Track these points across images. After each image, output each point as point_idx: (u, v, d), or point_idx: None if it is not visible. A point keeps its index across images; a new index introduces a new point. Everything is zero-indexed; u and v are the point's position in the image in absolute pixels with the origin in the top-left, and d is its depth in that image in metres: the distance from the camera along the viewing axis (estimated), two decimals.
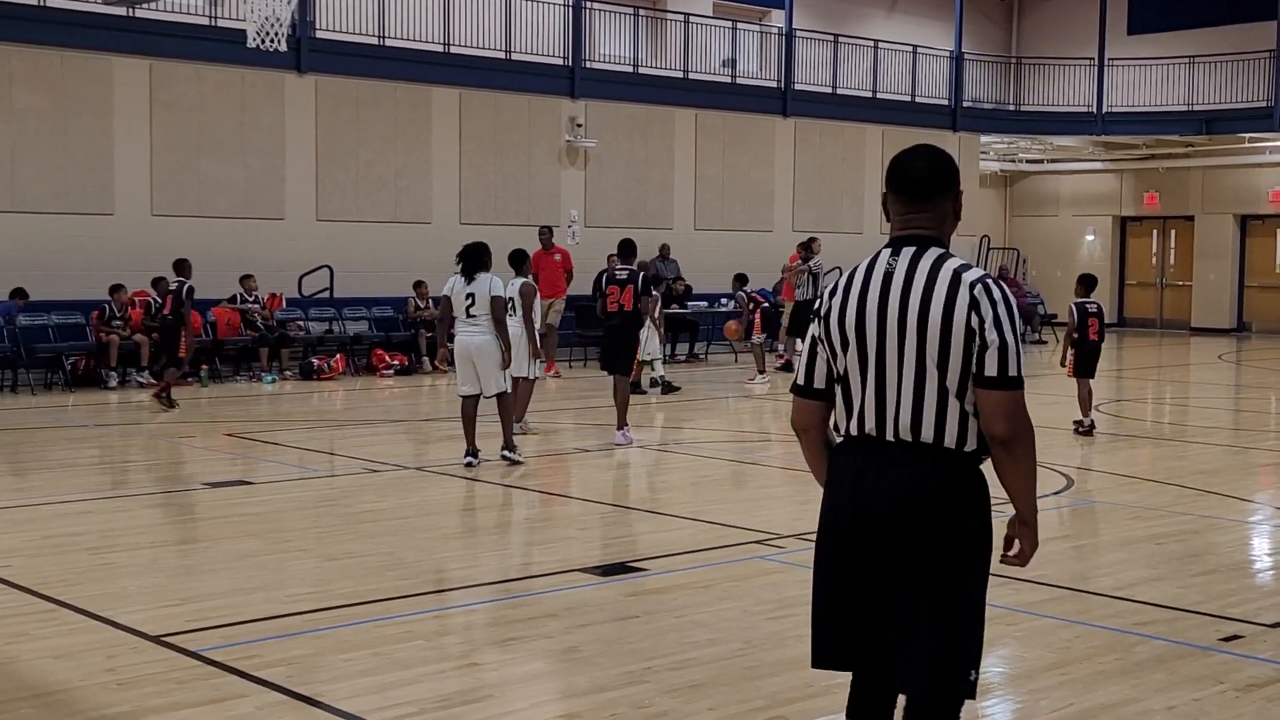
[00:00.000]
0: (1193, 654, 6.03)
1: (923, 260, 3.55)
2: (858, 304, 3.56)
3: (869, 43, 27.68)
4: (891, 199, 3.66)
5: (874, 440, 3.56)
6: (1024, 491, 3.52)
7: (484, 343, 10.98)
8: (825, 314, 3.65)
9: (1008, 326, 3.46)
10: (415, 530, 8.75)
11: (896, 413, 3.51)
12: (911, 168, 3.64)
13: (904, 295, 3.50)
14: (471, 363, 11.04)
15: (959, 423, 3.48)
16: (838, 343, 3.60)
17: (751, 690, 5.46)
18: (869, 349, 3.54)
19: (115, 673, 5.62)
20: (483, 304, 10.92)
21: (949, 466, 3.49)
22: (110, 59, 18.48)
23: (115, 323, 17.29)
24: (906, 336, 3.48)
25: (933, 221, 3.63)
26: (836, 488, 3.63)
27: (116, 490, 10.62)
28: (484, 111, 21.95)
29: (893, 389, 3.51)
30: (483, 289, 10.92)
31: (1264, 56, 27.82)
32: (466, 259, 11.01)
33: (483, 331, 10.97)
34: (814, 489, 3.84)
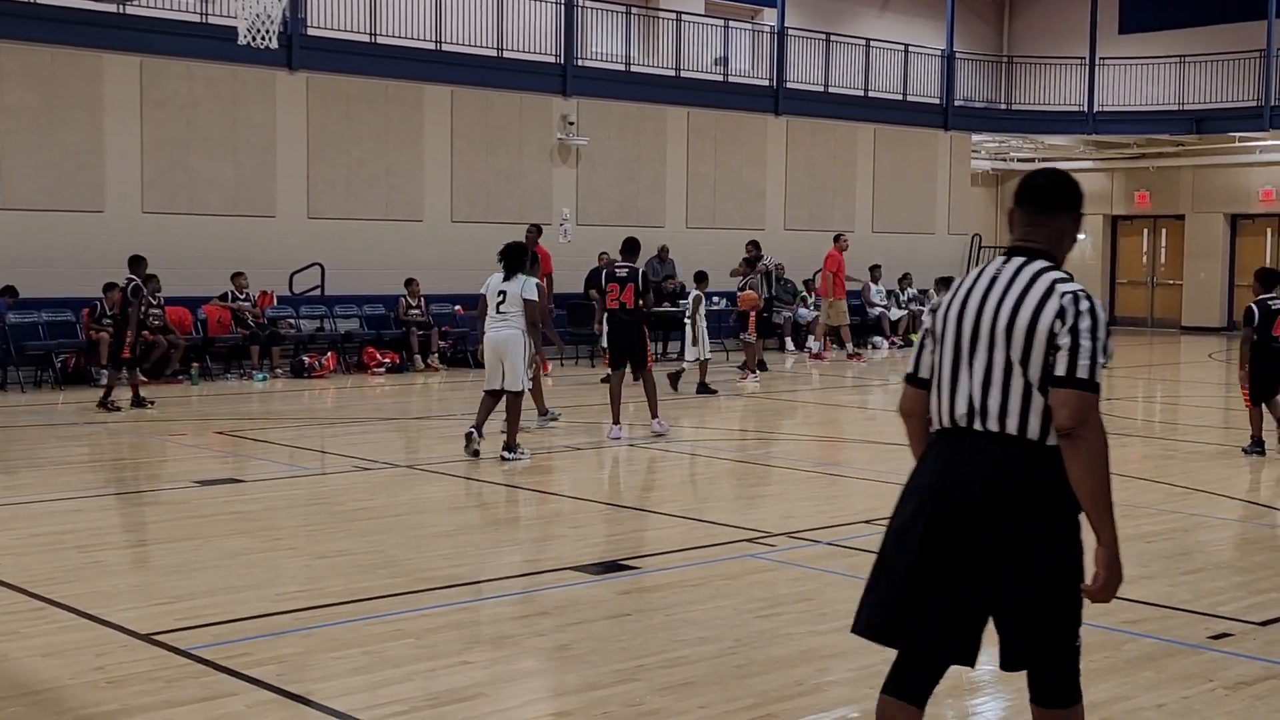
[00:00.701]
0: (1182, 652, 6.05)
1: (1025, 269, 3.83)
2: (961, 304, 3.86)
3: (861, 41, 27.70)
4: (1015, 212, 3.96)
5: (964, 430, 3.81)
6: (1089, 497, 3.66)
7: (510, 337, 11.25)
8: (936, 309, 3.97)
9: (1085, 334, 3.68)
10: (406, 528, 8.75)
11: (984, 405, 3.76)
12: (1033, 184, 3.95)
13: (1001, 298, 3.78)
14: (498, 357, 11.30)
15: (1041, 416, 3.71)
16: (939, 337, 3.91)
17: (742, 688, 5.46)
18: (964, 345, 3.82)
19: (104, 671, 5.61)
20: (514, 301, 11.24)
21: (1033, 456, 3.71)
22: (101, 56, 18.44)
23: (106, 320, 17.23)
24: (997, 334, 3.75)
25: (1048, 236, 3.90)
26: (925, 475, 3.90)
27: (106, 488, 10.59)
28: (475, 109, 21.93)
29: (980, 383, 3.77)
30: (515, 288, 11.27)
31: (1254, 56, 27.88)
32: (507, 258, 11.40)
33: (510, 327, 11.27)
34: (805, 488, 3.85)
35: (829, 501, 10.07)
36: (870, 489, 10.76)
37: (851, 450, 13.13)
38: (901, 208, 28.35)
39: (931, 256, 27.71)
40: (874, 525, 8.92)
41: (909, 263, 26.80)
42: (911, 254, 27.27)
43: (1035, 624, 3.74)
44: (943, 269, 27.97)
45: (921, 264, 26.70)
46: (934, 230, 29.08)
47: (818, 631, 6.30)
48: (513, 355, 11.26)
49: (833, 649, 6.02)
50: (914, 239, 28.21)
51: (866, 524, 8.96)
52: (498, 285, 11.39)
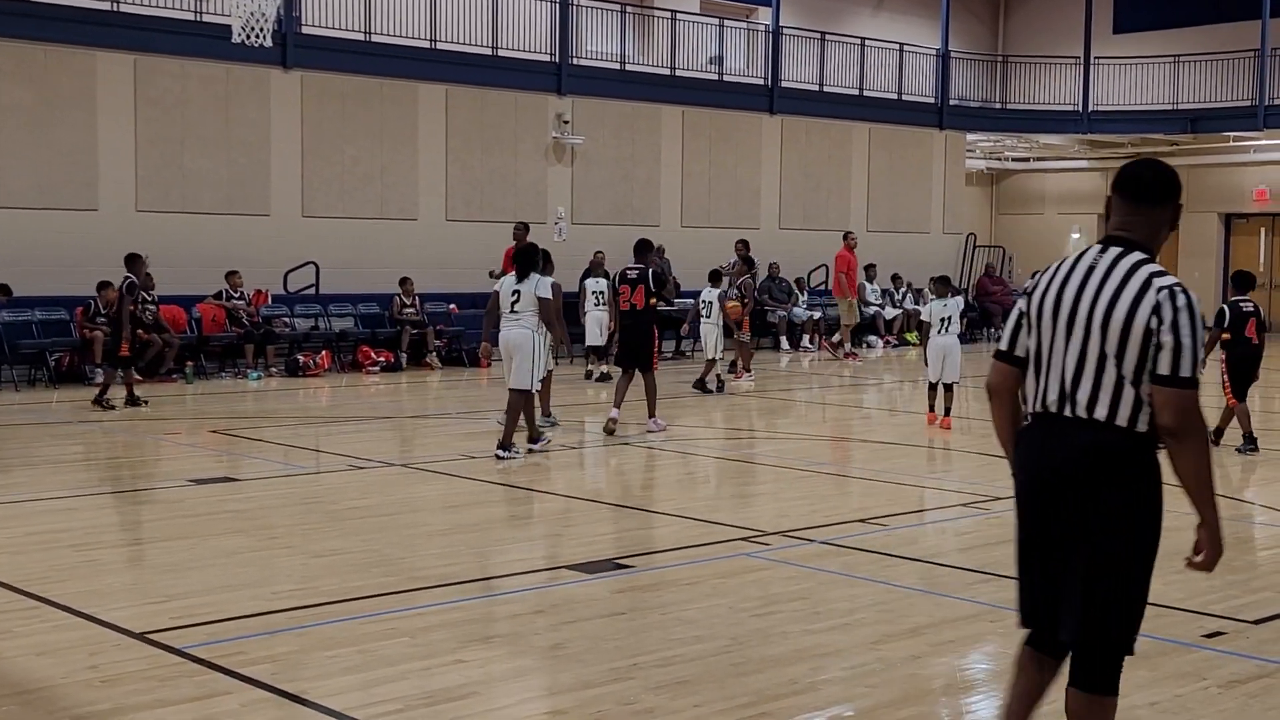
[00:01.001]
0: (1176, 650, 6.05)
1: (1122, 261, 3.91)
2: (1058, 291, 3.97)
3: (856, 41, 27.71)
4: (1114, 201, 4.05)
5: (1055, 415, 3.93)
6: (1196, 488, 3.86)
7: (522, 336, 11.36)
8: (1031, 292, 4.07)
9: (1185, 331, 3.77)
10: (400, 527, 8.74)
11: (1075, 392, 3.88)
12: (1135, 175, 4.03)
13: (1098, 290, 3.87)
14: (509, 354, 11.45)
15: (1131, 406, 3.83)
16: (1034, 321, 4.02)
17: (737, 687, 5.46)
18: (1059, 333, 3.94)
19: (98, 670, 5.60)
20: (528, 301, 11.38)
21: (1121, 441, 3.85)
22: (94, 54, 18.41)
23: (99, 319, 17.21)
24: (1092, 326, 3.86)
25: (1144, 227, 3.99)
26: (1023, 459, 4.05)
27: (100, 487, 10.58)
28: (470, 108, 21.92)
29: (1072, 370, 3.89)
30: (529, 288, 11.41)
31: (1248, 56, 27.92)
32: (519, 263, 11.57)
33: (522, 326, 11.39)
34: (800, 487, 3.85)
35: (824, 500, 10.08)
36: (865, 488, 10.78)
37: (846, 449, 13.13)
38: (896, 207, 28.36)
39: (926, 256, 27.72)
40: (868, 524, 8.94)
41: (903, 262, 26.82)
42: (906, 253, 27.29)
43: (1099, 605, 3.87)
44: (937, 268, 27.96)
45: (916, 263, 26.72)
46: (929, 230, 29.10)
47: (812, 630, 6.30)
48: (522, 354, 11.35)
49: (827, 647, 6.02)
50: (909, 238, 28.23)
51: (861, 523, 8.97)
52: (511, 285, 11.52)
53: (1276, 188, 29.50)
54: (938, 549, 8.28)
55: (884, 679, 5.60)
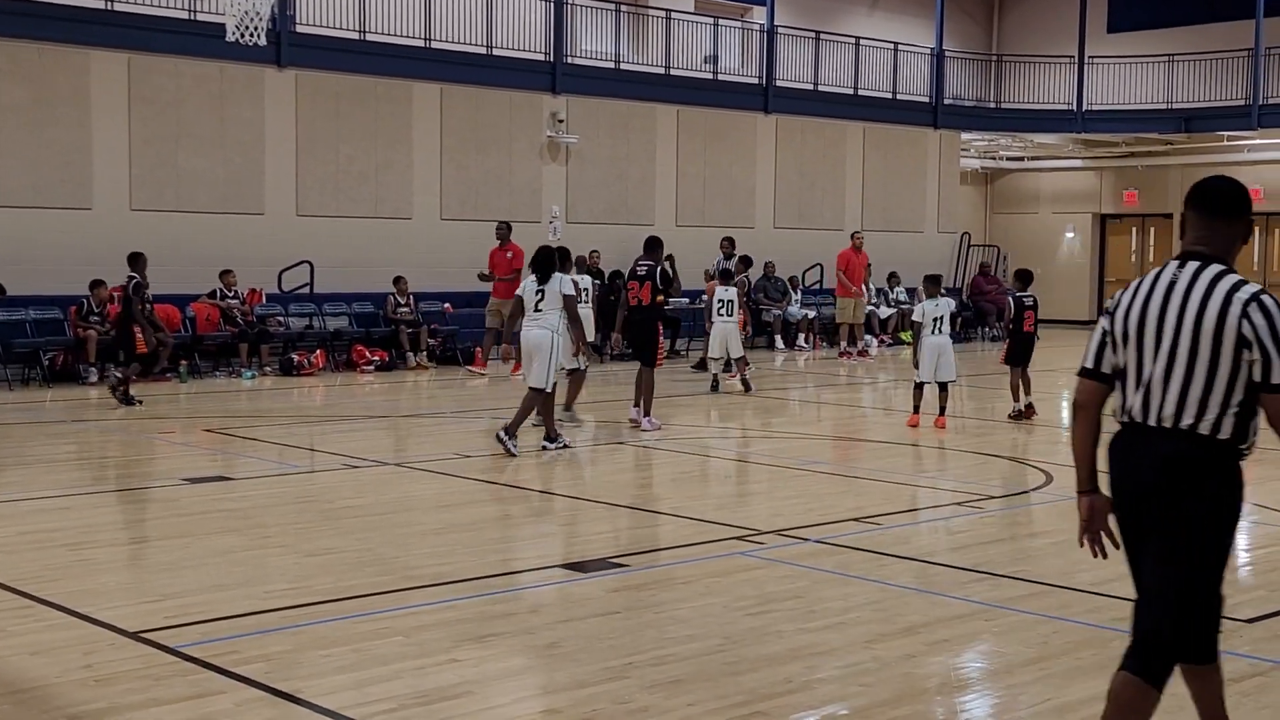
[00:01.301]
0: None
1: (1203, 274, 4.06)
2: (1141, 307, 4.12)
3: (850, 40, 27.71)
4: (1189, 217, 4.20)
5: (1141, 425, 4.09)
6: None
7: (541, 336, 11.63)
8: (1114, 310, 4.23)
9: (1271, 340, 3.93)
10: (395, 526, 8.74)
11: (1162, 402, 4.03)
12: (1210, 190, 4.18)
13: (1183, 303, 4.03)
14: (528, 353, 11.74)
15: (1216, 414, 3.97)
16: (1119, 337, 4.17)
17: (731, 686, 5.46)
18: (1146, 346, 4.09)
19: (92, 669, 5.59)
20: (552, 300, 11.65)
21: (1205, 450, 4.00)
22: (88, 53, 18.38)
23: (93, 318, 17.20)
24: (1180, 339, 4.01)
25: (1220, 240, 4.15)
26: (1111, 466, 4.19)
27: (95, 486, 10.57)
28: (465, 107, 21.91)
29: (1160, 382, 4.04)
30: (554, 287, 11.70)
31: (1242, 55, 27.95)
32: (537, 264, 11.82)
33: (543, 327, 11.64)
34: (794, 486, 3.85)
35: (818, 499, 10.08)
36: (860, 487, 10.78)
37: (841, 448, 13.13)
38: (891, 206, 28.38)
39: (920, 255, 27.73)
40: (863, 523, 8.94)
41: (898, 261, 26.82)
42: (900, 252, 27.29)
43: (1164, 605, 4.08)
44: (931, 267, 27.95)
45: (910, 262, 26.71)
46: (923, 229, 29.11)
47: (807, 629, 6.30)
48: (541, 354, 11.59)
49: (822, 646, 6.02)
50: (903, 237, 28.24)
51: (855, 522, 8.98)
52: (534, 286, 11.78)
53: (1271, 187, 29.51)
54: (932, 548, 8.29)
55: (878, 678, 5.60)
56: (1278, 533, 8.88)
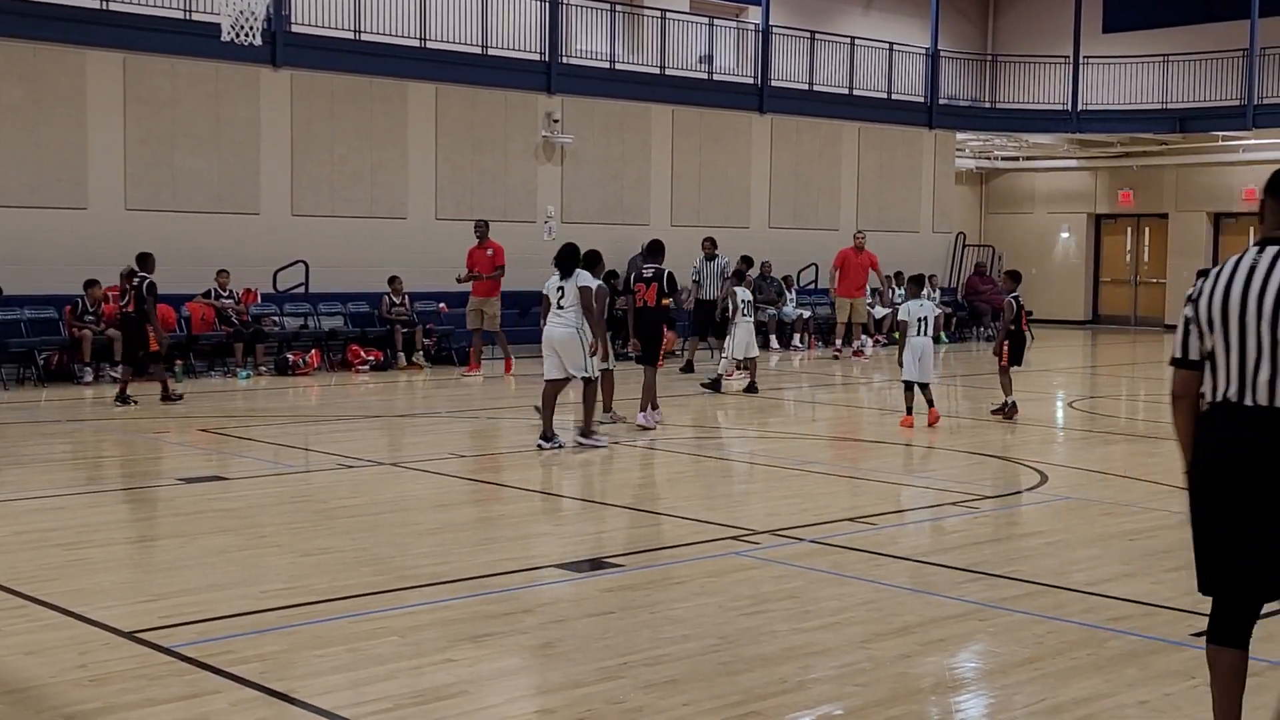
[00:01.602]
0: (1165, 649, 6.07)
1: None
2: (1224, 292, 4.26)
3: (845, 40, 27.73)
4: (1268, 203, 4.35)
5: (1234, 405, 4.25)
6: None
7: (566, 334, 11.89)
8: (1197, 298, 4.36)
9: None
10: (390, 526, 8.74)
11: (1255, 382, 4.19)
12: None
13: (1263, 286, 4.18)
14: (555, 351, 11.95)
15: None
16: (1205, 324, 4.32)
17: (727, 686, 5.46)
18: (1231, 330, 4.24)
19: (87, 669, 5.59)
20: (572, 297, 11.87)
21: None
22: (84, 52, 18.36)
23: (88, 318, 17.18)
24: (1263, 320, 4.16)
25: None
26: (1203, 446, 4.35)
27: (90, 486, 10.56)
28: (460, 107, 21.90)
29: (1251, 363, 4.20)
30: (573, 284, 11.92)
31: (1237, 55, 27.99)
32: (560, 262, 12.00)
33: (566, 325, 11.90)
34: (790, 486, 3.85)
35: (813, 499, 10.09)
36: (855, 487, 10.79)
37: (836, 448, 13.14)
38: (886, 206, 28.39)
39: (916, 255, 27.75)
40: (858, 523, 8.95)
41: (893, 261, 26.81)
42: (896, 252, 27.29)
43: None
44: (927, 267, 28.07)
45: (906, 262, 26.69)
46: (918, 229, 29.13)
47: (802, 629, 6.31)
48: (570, 350, 11.89)
49: (817, 646, 6.03)
50: (898, 237, 28.25)
51: (850, 521, 8.98)
52: (556, 283, 12.00)
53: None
54: (927, 548, 8.30)
55: (873, 678, 5.61)
56: None
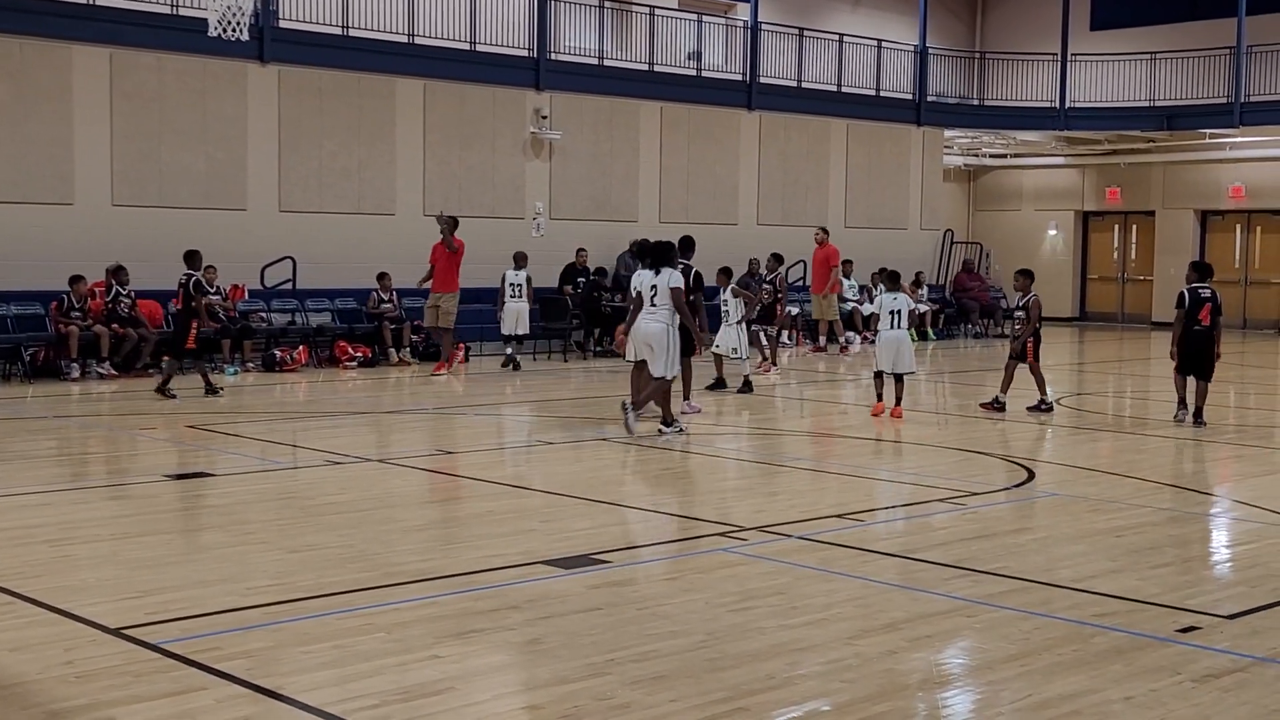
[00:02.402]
0: (1150, 645, 6.09)
1: None
2: None
3: (834, 37, 27.74)
4: None
5: None
6: None
7: (657, 330, 12.33)
8: None
9: None
10: (377, 523, 8.73)
11: None
12: None
13: None
14: (647, 345, 12.43)
15: None
16: None
17: (714, 682, 5.47)
18: None
19: (73, 665, 5.57)
20: (664, 294, 12.25)
21: None
22: (70, 47, 18.30)
23: (74, 314, 17.13)
24: None
25: None
26: None
27: (75, 482, 10.53)
28: (448, 103, 21.87)
29: None
30: (664, 281, 12.31)
31: (1224, 53, 28.06)
32: (653, 256, 12.47)
33: (658, 320, 12.33)
34: (775, 482, 3.84)
35: (801, 496, 10.10)
36: (842, 483, 10.80)
37: (824, 444, 13.15)
38: (874, 203, 28.42)
39: (904, 252, 27.79)
40: (846, 520, 8.96)
41: (881, 258, 26.83)
42: (884, 249, 27.34)
43: None
44: (915, 264, 28.13)
45: (894, 259, 26.61)
46: (906, 226, 29.16)
47: (789, 625, 6.31)
48: (659, 346, 12.31)
49: (804, 643, 6.03)
50: (886, 234, 28.28)
51: (838, 518, 8.99)
52: (650, 280, 12.37)
53: (1252, 185, 29.67)
54: (914, 544, 8.31)
55: (860, 674, 5.61)
56: (1257, 529, 8.92)
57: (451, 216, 19.10)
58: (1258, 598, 6.97)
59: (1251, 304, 30.06)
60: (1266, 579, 7.39)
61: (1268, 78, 27.62)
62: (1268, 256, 29.96)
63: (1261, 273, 30.04)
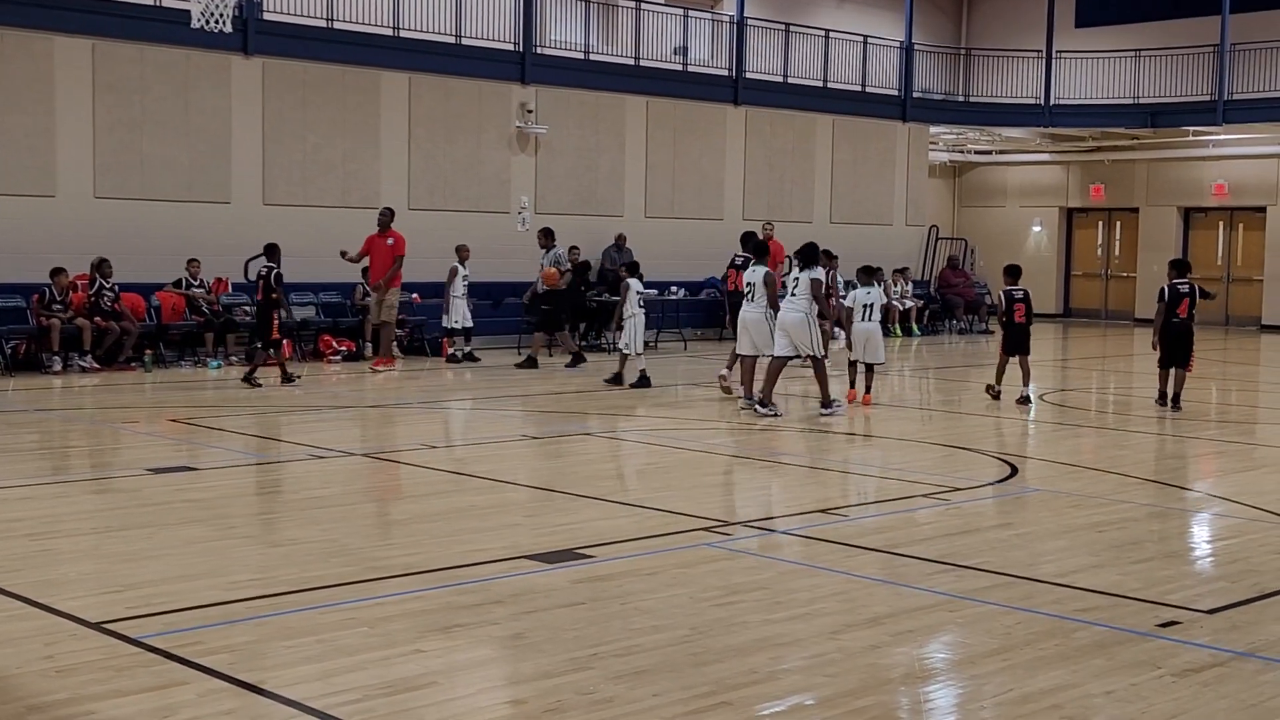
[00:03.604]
0: (1131, 639, 6.11)
1: None
2: None
3: (820, 32, 27.74)
4: None
5: None
6: None
7: (796, 319, 13.64)
8: None
9: None
10: (360, 517, 8.71)
11: None
12: None
13: None
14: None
15: None
16: None
17: (697, 676, 5.47)
18: None
19: (54, 660, 5.55)
20: (804, 286, 13.65)
21: None
22: (52, 38, 18.20)
23: (56, 306, 17.05)
24: None
25: None
26: None
27: (57, 476, 10.49)
28: (433, 96, 21.81)
29: None
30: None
31: (1208, 51, 28.15)
32: (804, 257, 13.98)
33: (796, 310, 13.66)
34: (759, 477, 3.85)
35: (785, 491, 10.11)
36: (825, 478, 10.82)
37: (807, 440, 13.16)
38: (859, 198, 28.44)
39: (889, 247, 27.82)
40: (830, 514, 8.97)
41: (866, 254, 26.84)
42: (869, 245, 27.35)
43: None
44: (899, 260, 28.17)
45: (879, 255, 26.73)
46: (891, 221, 29.19)
47: (773, 620, 6.32)
48: (799, 332, 13.59)
49: (788, 637, 6.04)
50: (872, 230, 28.31)
51: (822, 513, 9.00)
52: (795, 274, 13.94)
53: (1235, 182, 29.78)
54: (898, 539, 8.32)
55: (843, 668, 5.62)
56: (1238, 524, 8.96)
57: (388, 208, 18.93)
58: (1238, 593, 7.00)
59: (1234, 301, 30.18)
60: (1246, 574, 7.42)
61: (1251, 76, 27.72)
62: (1250, 254, 30.07)
63: (1244, 270, 30.15)
